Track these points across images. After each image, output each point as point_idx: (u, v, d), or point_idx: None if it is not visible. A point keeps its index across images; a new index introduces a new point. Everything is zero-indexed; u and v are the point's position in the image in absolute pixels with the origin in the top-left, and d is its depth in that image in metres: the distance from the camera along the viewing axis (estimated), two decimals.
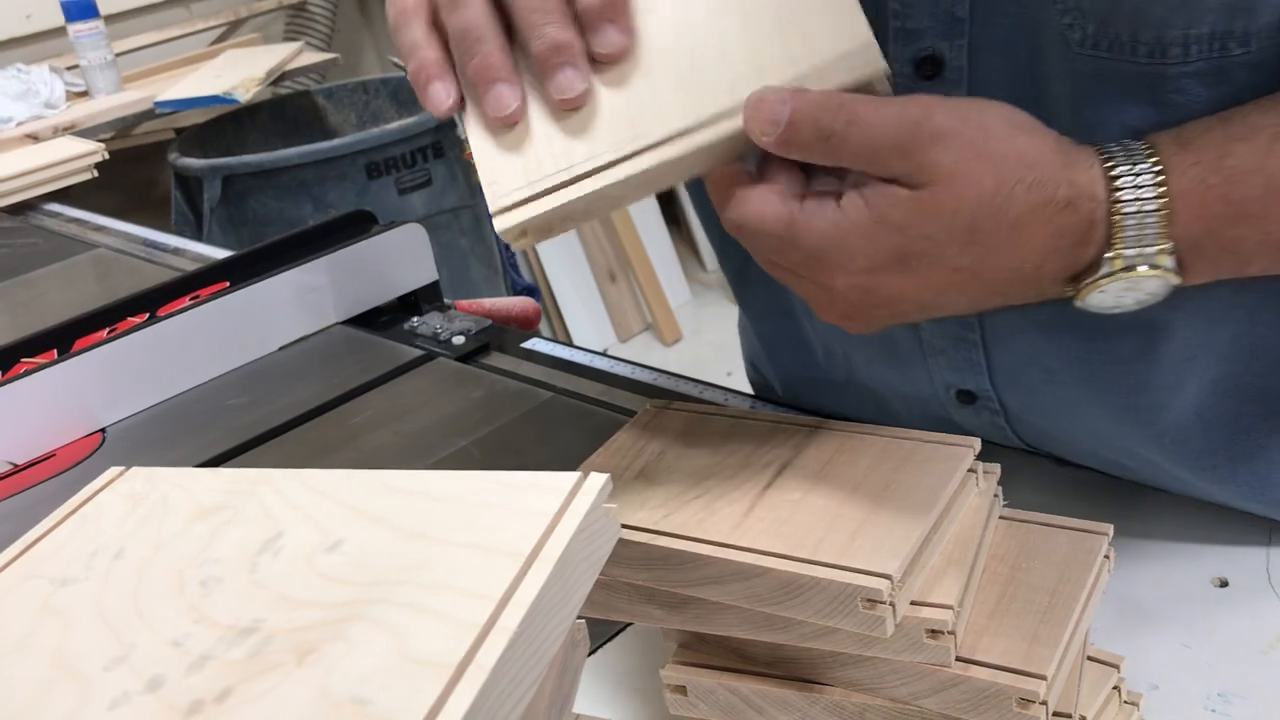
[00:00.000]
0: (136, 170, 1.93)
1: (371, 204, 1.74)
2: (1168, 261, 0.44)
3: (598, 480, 0.37)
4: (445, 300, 1.13)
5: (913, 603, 0.45)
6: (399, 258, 1.12)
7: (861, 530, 0.46)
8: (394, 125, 2.04)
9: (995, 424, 0.66)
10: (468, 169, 2.20)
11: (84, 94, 2.11)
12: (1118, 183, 0.44)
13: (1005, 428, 0.66)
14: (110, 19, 2.12)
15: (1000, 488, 0.52)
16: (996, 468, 0.52)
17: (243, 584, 0.35)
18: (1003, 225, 0.43)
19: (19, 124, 1.95)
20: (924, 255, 0.44)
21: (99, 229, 1.56)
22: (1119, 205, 0.43)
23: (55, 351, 0.97)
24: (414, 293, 1.11)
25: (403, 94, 2.35)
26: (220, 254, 1.28)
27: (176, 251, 1.38)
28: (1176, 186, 0.44)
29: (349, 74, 2.56)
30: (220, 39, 2.54)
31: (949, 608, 0.45)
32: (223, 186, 1.97)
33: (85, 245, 1.45)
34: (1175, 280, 0.45)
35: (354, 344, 1.04)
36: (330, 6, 2.65)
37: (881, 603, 0.43)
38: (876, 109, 0.43)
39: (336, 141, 1.99)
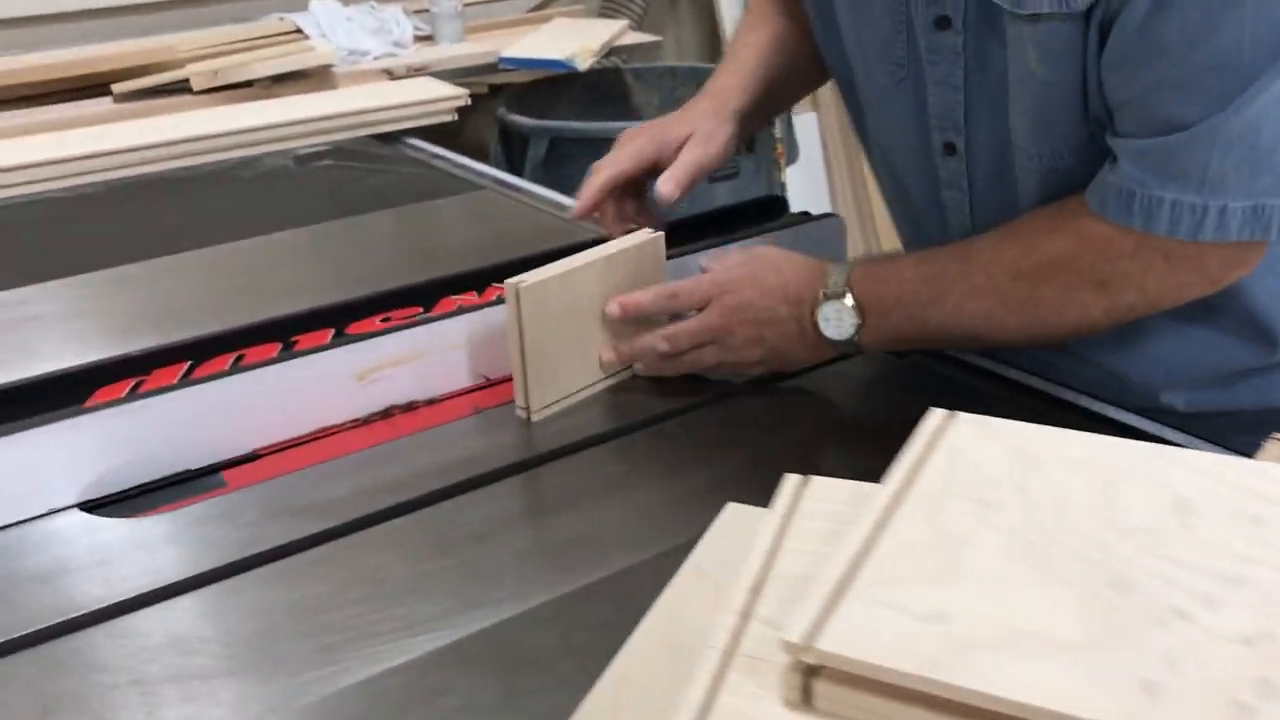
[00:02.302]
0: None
1: None
2: (848, 297, 0.86)
3: None
4: None
5: None
6: (816, 249, 1.16)
7: None
8: None
9: None
10: (773, 166, 2.24)
11: (428, 38, 2.22)
12: (830, 265, 0.89)
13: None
14: None
15: None
16: None
17: (1182, 538, 0.38)
18: (770, 267, 0.91)
19: (375, 58, 2.07)
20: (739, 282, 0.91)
21: (460, 166, 1.64)
22: (826, 271, 0.88)
23: None
24: None
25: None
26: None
27: (558, 206, 1.42)
28: (856, 267, 0.87)
29: (649, 58, 2.63)
30: (538, 7, 2.64)
31: None
32: (548, 147, 2.05)
33: (471, 185, 1.53)
34: (856, 319, 0.86)
35: None
36: None
37: None
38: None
39: None
